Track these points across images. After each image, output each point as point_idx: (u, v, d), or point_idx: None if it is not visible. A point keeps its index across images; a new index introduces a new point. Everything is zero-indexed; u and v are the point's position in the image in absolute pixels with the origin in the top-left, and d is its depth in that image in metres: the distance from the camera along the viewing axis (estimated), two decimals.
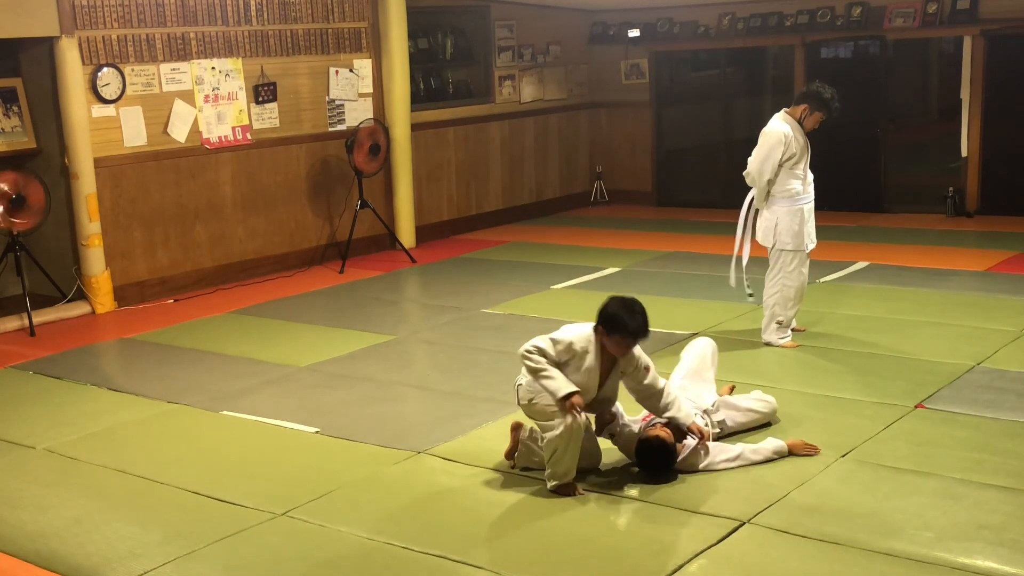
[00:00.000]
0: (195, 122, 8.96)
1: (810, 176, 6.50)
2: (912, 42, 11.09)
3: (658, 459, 4.61)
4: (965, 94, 10.54)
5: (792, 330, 6.65)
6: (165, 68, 8.73)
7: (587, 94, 12.54)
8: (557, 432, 4.43)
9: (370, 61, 10.17)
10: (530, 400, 4.54)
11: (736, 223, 6.76)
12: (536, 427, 4.66)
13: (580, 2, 11.99)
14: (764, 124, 6.53)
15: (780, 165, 6.34)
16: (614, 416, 4.75)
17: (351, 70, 10.05)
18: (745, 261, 6.77)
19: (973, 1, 10.30)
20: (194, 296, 8.83)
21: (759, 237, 6.60)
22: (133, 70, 8.53)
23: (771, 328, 6.58)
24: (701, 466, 4.67)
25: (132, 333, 7.74)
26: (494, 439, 5.24)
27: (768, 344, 6.56)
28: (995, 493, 4.40)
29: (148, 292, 8.76)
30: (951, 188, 10.68)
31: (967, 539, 4.01)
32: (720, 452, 4.72)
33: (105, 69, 8.35)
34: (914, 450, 4.87)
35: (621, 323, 4.47)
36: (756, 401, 5.21)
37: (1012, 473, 4.58)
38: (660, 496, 4.50)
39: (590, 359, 4.53)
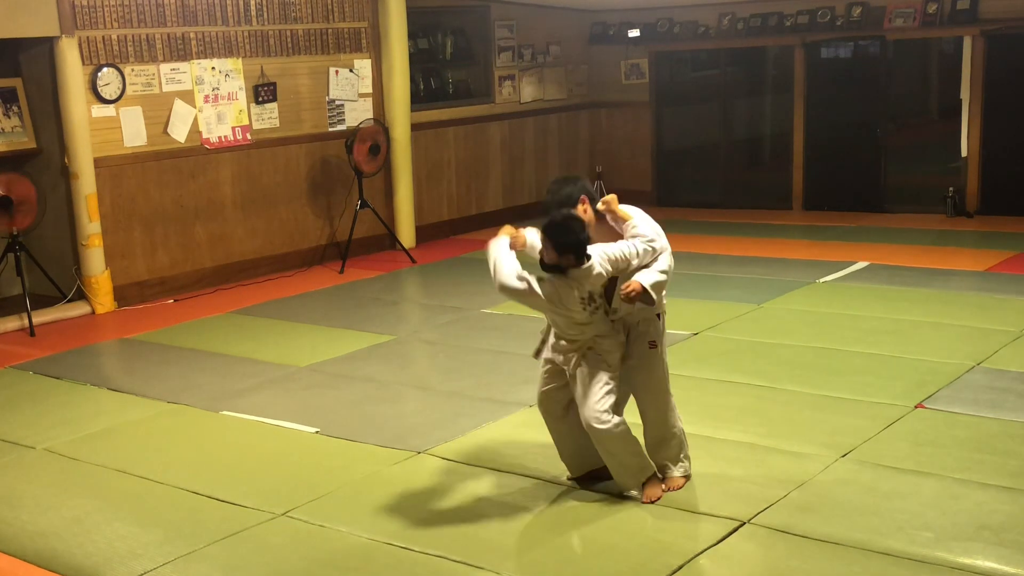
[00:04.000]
0: (195, 122, 8.96)
1: None
2: (912, 42, 11.09)
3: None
4: (965, 94, 10.53)
5: None
6: (165, 68, 8.73)
7: (587, 94, 12.54)
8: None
9: (370, 61, 10.17)
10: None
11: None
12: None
13: (580, 2, 11.99)
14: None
15: None
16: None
17: (351, 70, 10.05)
18: None
19: (973, 1, 10.30)
20: (194, 296, 8.83)
21: None
22: (133, 70, 8.54)
23: None
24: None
25: (132, 333, 7.74)
26: (494, 439, 5.24)
27: None
28: (995, 493, 4.40)
29: (148, 292, 8.76)
30: (951, 188, 10.67)
31: (967, 539, 4.01)
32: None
33: (105, 69, 8.35)
34: (914, 450, 4.87)
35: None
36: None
37: (1012, 473, 4.58)
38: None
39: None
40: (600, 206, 4.53)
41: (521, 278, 4.20)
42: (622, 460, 4.39)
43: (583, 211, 4.45)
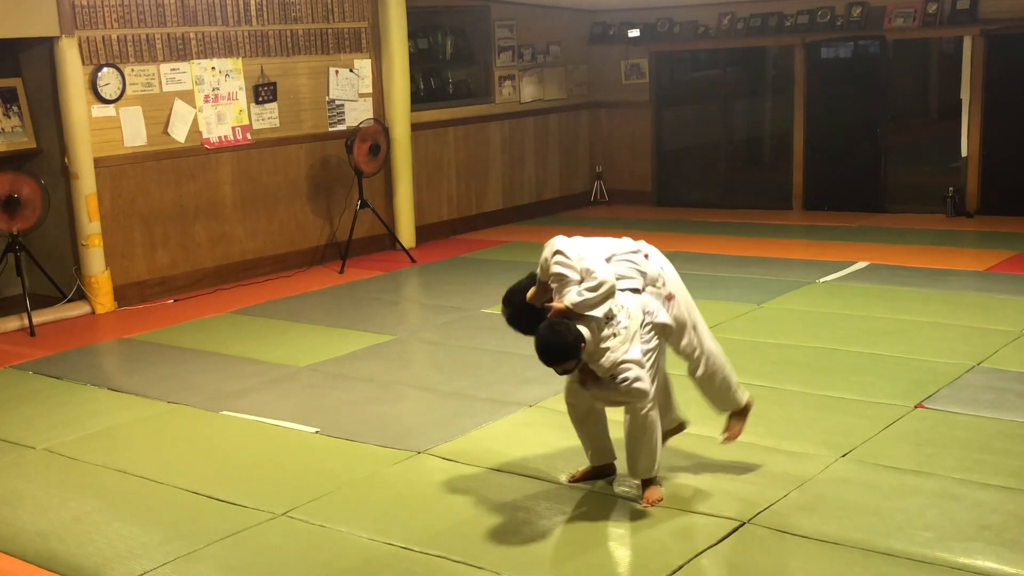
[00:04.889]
0: (195, 122, 8.96)
1: None
2: (912, 42, 11.09)
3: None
4: (965, 94, 10.53)
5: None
6: (165, 68, 8.73)
7: (587, 94, 12.54)
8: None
9: (370, 61, 10.17)
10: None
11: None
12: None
13: (580, 2, 11.99)
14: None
15: None
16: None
17: (351, 70, 10.05)
18: None
19: (973, 1, 10.30)
20: (194, 296, 8.83)
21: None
22: (133, 70, 8.54)
23: None
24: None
25: (132, 333, 7.74)
26: (494, 439, 5.25)
27: None
28: (995, 493, 4.40)
29: (148, 292, 8.76)
30: (951, 188, 10.67)
31: (967, 539, 4.02)
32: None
33: (105, 69, 8.35)
34: (914, 450, 4.88)
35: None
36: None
37: (1012, 473, 4.58)
38: None
39: None
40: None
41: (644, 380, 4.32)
42: (646, 448, 4.39)
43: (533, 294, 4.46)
